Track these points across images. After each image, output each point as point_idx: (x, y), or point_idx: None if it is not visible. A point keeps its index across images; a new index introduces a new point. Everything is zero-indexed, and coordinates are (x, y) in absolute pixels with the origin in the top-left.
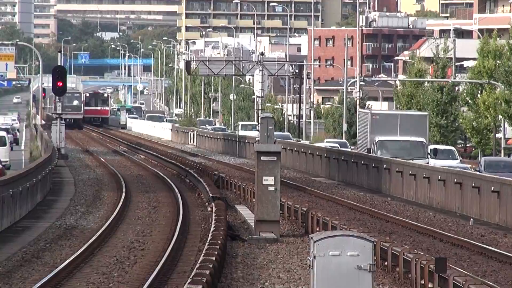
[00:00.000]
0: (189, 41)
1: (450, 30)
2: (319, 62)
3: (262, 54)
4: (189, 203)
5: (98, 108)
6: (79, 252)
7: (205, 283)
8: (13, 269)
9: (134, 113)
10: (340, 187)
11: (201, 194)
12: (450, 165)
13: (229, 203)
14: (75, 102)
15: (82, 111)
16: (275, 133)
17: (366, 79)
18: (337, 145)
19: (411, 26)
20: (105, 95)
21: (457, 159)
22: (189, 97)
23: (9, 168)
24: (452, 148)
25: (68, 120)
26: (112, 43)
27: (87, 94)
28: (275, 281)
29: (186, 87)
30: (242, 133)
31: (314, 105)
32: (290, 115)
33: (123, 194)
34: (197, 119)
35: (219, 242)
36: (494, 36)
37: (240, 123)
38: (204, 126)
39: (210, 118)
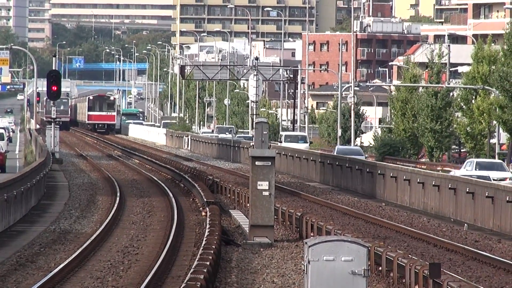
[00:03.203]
0: (183, 46)
1: (444, 35)
2: (314, 67)
3: (256, 58)
4: (183, 208)
5: (103, 113)
6: (73, 256)
7: (200, 287)
8: (7, 273)
9: (140, 118)
10: (335, 192)
11: (196, 199)
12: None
13: (223, 208)
14: (62, 107)
15: (69, 114)
16: (340, 147)
17: (361, 84)
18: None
19: (405, 31)
20: (111, 98)
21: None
22: (183, 102)
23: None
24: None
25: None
26: (106, 47)
27: (91, 97)
28: (270, 286)
29: (180, 91)
30: (286, 145)
31: (309, 110)
32: (285, 120)
33: (118, 199)
34: (216, 125)
35: (214, 247)
36: (489, 41)
37: (283, 133)
38: (224, 134)
39: (230, 124)
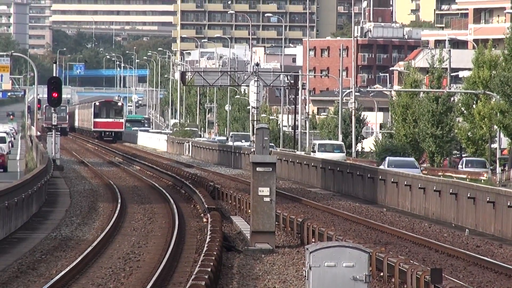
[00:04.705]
0: (184, 52)
1: (445, 40)
2: (314, 73)
3: (257, 64)
4: (184, 214)
5: (110, 120)
6: (74, 263)
7: None
8: (9, 280)
9: (146, 125)
10: (336, 197)
11: (197, 205)
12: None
13: (224, 214)
14: (61, 114)
15: (67, 121)
16: (392, 158)
17: (362, 89)
18: None
19: (406, 37)
20: (119, 104)
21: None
22: (184, 108)
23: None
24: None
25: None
26: (107, 54)
27: (97, 103)
28: None
29: (181, 98)
30: (320, 155)
31: (309, 116)
32: (285, 126)
33: (119, 205)
34: (231, 132)
35: (215, 253)
36: (489, 46)
37: (317, 142)
38: (240, 142)
39: (247, 131)
